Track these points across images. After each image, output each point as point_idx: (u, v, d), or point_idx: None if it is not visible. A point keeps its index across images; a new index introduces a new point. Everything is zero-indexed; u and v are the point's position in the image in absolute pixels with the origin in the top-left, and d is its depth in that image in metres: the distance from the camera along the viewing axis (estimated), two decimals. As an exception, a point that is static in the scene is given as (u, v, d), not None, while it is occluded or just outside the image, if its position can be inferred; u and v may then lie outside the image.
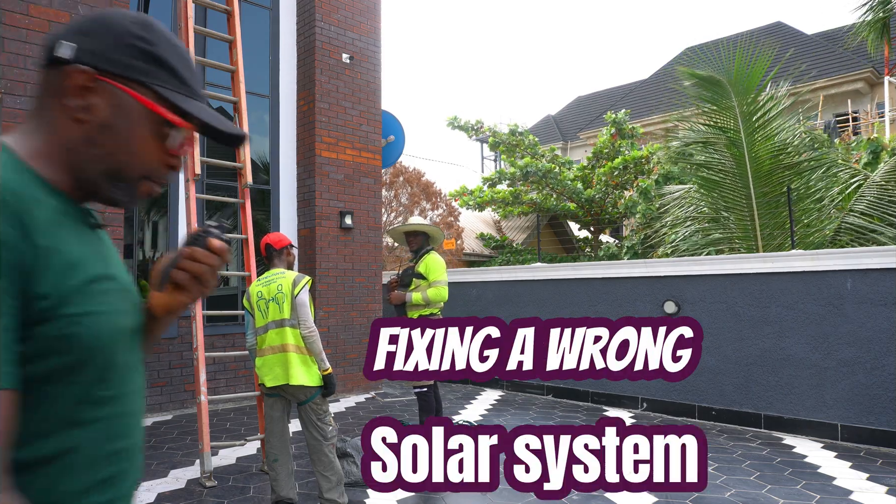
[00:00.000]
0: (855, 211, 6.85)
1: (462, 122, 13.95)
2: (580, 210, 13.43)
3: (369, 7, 7.78)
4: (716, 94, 7.06)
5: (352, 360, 7.24)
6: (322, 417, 3.41)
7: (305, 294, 3.42)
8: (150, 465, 4.46)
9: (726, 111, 7.07)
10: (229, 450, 4.84)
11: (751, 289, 5.42)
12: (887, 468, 4.18)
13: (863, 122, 16.88)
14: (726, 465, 4.27)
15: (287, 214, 7.33)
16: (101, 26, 0.82)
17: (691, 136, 7.65)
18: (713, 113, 7.22)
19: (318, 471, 3.39)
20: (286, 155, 7.38)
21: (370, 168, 7.65)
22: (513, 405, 6.51)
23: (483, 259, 15.24)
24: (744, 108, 6.89)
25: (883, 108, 17.03)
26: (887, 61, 14.91)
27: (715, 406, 5.61)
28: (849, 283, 4.88)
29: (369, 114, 7.68)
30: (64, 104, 0.80)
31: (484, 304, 7.82)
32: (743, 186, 7.01)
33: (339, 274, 7.25)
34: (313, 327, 3.37)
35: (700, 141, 7.44)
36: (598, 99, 28.20)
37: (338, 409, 6.41)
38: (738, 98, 6.86)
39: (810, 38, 20.40)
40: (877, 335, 4.72)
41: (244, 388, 6.71)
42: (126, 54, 0.81)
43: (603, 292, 6.56)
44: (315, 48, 7.20)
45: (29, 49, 3.69)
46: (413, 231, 4.74)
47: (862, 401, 4.78)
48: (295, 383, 3.34)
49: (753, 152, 6.88)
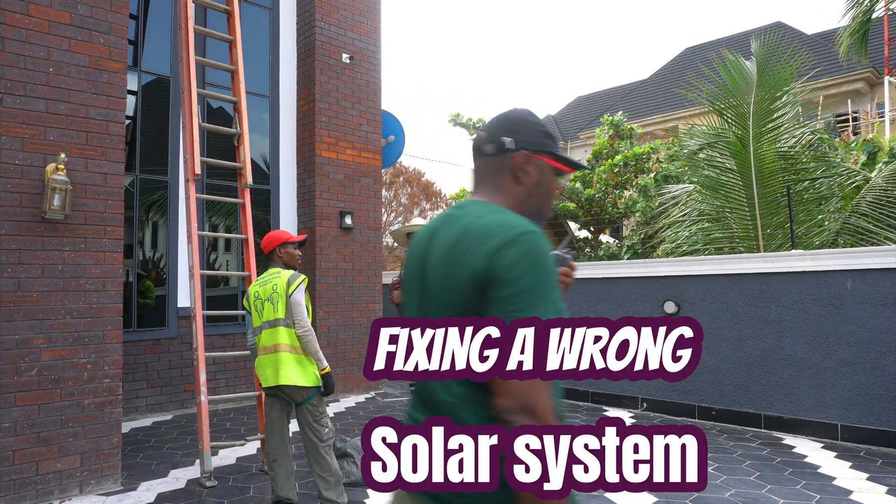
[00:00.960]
0: (856, 212, 6.84)
1: (464, 119, 13.96)
2: (580, 210, 13.43)
3: (369, 7, 7.78)
4: (735, 90, 7.06)
5: (352, 360, 7.24)
6: (318, 419, 3.40)
7: (300, 293, 3.40)
8: (150, 465, 4.46)
9: (736, 110, 7.08)
10: (229, 450, 4.84)
11: (751, 289, 5.42)
12: (887, 468, 4.18)
13: (863, 122, 16.88)
14: (726, 465, 4.27)
15: (287, 214, 7.33)
16: (522, 124, 1.31)
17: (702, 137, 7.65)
18: (725, 111, 7.21)
19: (316, 472, 3.39)
20: (286, 155, 7.38)
21: (370, 168, 7.65)
22: (513, 405, 6.51)
23: (483, 259, 15.21)
24: (759, 107, 6.87)
25: (883, 108, 17.03)
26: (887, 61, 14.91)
27: (715, 406, 5.61)
28: (849, 283, 4.88)
29: (369, 114, 7.68)
30: (511, 174, 1.28)
31: (484, 304, 7.82)
32: (745, 186, 7.01)
33: (339, 274, 7.25)
34: (308, 326, 3.36)
35: (712, 142, 7.45)
36: (598, 99, 28.19)
37: (338, 409, 6.41)
38: (756, 96, 6.87)
39: (810, 38, 20.40)
40: (877, 335, 4.72)
41: (244, 388, 6.71)
42: (538, 137, 1.31)
43: (603, 292, 6.56)
44: (315, 48, 7.20)
45: (29, 49, 3.69)
46: (415, 232, 4.77)
47: (862, 401, 4.77)
48: (285, 383, 3.33)
49: (759, 153, 6.88)
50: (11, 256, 3.60)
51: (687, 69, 19.41)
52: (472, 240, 1.15)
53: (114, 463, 3.92)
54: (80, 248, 3.87)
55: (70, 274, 3.81)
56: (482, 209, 1.21)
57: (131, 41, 6.18)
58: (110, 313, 3.97)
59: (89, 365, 3.84)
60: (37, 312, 3.66)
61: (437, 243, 1.24)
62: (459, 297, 1.15)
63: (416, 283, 1.30)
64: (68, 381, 3.75)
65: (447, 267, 1.18)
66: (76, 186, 3.83)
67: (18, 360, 3.57)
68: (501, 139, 1.28)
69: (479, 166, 1.35)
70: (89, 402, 3.83)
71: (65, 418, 3.72)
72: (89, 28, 3.96)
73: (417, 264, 1.30)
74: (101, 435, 3.86)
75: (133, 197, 6.17)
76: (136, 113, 6.28)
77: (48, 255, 3.73)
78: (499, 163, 1.29)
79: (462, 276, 1.13)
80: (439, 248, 1.22)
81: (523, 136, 1.29)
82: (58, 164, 3.68)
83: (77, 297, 3.83)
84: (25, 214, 3.66)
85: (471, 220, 1.19)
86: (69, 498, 3.71)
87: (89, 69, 3.95)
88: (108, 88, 4.04)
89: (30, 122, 3.70)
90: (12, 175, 3.62)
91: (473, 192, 1.35)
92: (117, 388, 3.96)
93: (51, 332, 3.70)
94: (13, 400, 3.54)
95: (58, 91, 3.81)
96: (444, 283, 1.19)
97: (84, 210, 3.89)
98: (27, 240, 3.66)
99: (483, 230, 1.14)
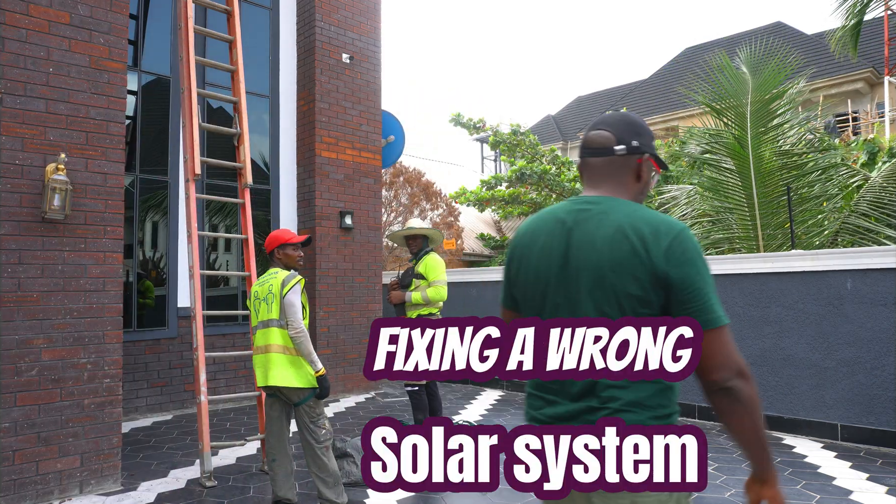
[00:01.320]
0: (856, 211, 6.85)
1: (465, 119, 13.96)
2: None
3: (369, 7, 7.78)
4: (732, 92, 7.06)
5: (352, 360, 7.24)
6: (315, 420, 3.39)
7: (294, 294, 3.37)
8: (150, 465, 4.46)
9: (735, 111, 7.08)
10: (229, 450, 4.84)
11: (751, 289, 5.42)
12: (887, 468, 4.18)
13: (863, 122, 16.87)
14: (726, 465, 4.27)
15: (287, 214, 7.33)
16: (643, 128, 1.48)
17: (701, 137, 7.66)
18: (724, 112, 7.21)
19: (314, 472, 3.39)
20: (286, 155, 7.38)
21: (370, 168, 7.65)
22: (513, 405, 6.51)
23: (483, 259, 15.23)
24: (756, 108, 6.88)
25: (883, 108, 17.02)
26: (887, 61, 14.90)
27: (715, 406, 5.60)
28: (849, 283, 4.88)
29: (369, 114, 7.68)
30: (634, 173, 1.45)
31: (484, 304, 7.83)
32: (745, 187, 7.01)
33: (339, 274, 7.25)
34: (301, 328, 3.32)
35: (711, 142, 7.45)
36: (599, 99, 28.19)
37: (338, 409, 6.41)
38: (753, 96, 6.87)
39: (810, 38, 20.39)
40: (877, 335, 4.72)
41: (244, 388, 6.71)
42: (650, 141, 1.49)
43: (603, 292, 6.55)
44: (315, 48, 7.20)
45: (29, 49, 3.69)
46: (412, 234, 4.77)
47: (862, 401, 4.77)
48: (274, 384, 3.33)
49: (758, 153, 6.88)
50: (11, 256, 3.60)
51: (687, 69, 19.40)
52: (641, 235, 1.27)
53: (114, 463, 3.92)
54: (80, 248, 3.87)
55: (70, 274, 3.81)
56: (624, 206, 1.36)
57: (131, 41, 6.18)
58: (110, 313, 3.97)
59: (89, 365, 3.84)
60: (37, 312, 3.66)
61: (584, 236, 1.33)
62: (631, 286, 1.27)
63: (553, 273, 1.37)
64: (68, 381, 3.75)
65: (613, 257, 1.28)
66: (76, 186, 3.83)
67: (18, 360, 3.57)
68: (631, 142, 1.44)
69: (599, 164, 1.45)
70: (89, 402, 3.83)
71: (65, 418, 3.72)
72: (89, 28, 3.96)
73: (555, 256, 1.37)
74: (101, 435, 3.86)
75: (133, 197, 6.17)
76: (136, 113, 6.28)
77: (48, 255, 3.73)
78: (625, 162, 1.44)
79: (638, 269, 1.26)
80: (593, 241, 1.32)
81: (645, 139, 1.47)
82: (58, 164, 3.68)
83: (77, 297, 3.83)
84: (25, 214, 3.66)
85: (622, 216, 1.32)
86: (69, 498, 3.71)
87: (89, 69, 3.95)
88: (108, 88, 4.04)
89: (30, 122, 3.70)
90: (12, 175, 3.62)
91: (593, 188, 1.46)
92: (117, 388, 3.96)
93: (51, 332, 3.71)
94: (13, 400, 3.54)
95: (58, 91, 3.81)
96: (607, 272, 1.28)
97: (84, 210, 3.89)
98: (27, 240, 3.66)
99: (649, 227, 1.28)
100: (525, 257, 1.45)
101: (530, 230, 1.46)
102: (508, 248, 1.54)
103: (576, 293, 1.32)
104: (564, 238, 1.37)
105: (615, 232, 1.30)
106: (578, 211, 1.39)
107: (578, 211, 1.39)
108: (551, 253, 1.38)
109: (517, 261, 1.47)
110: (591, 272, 1.30)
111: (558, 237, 1.38)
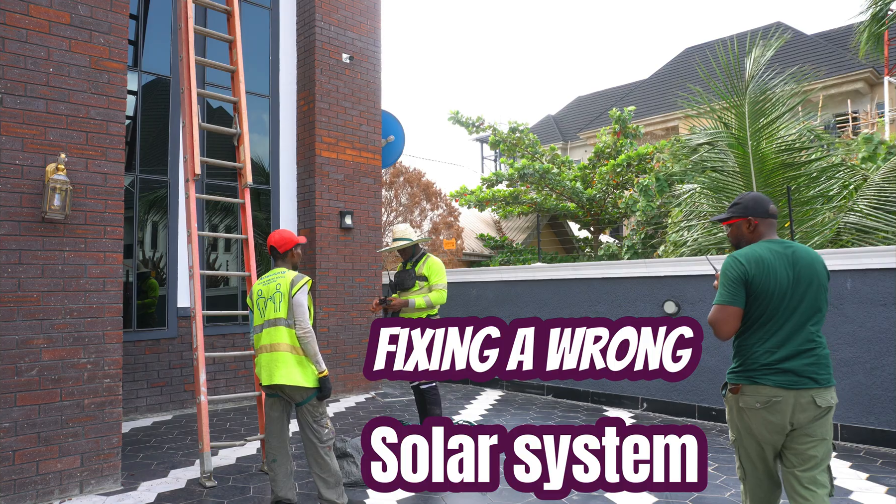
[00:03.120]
0: (855, 210, 6.84)
1: (464, 118, 13.96)
2: (580, 210, 13.43)
3: (369, 7, 7.78)
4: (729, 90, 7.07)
5: (352, 360, 7.24)
6: (318, 420, 3.40)
7: (303, 294, 3.39)
8: (150, 465, 4.46)
9: (734, 109, 7.08)
10: (229, 450, 4.84)
11: (751, 289, 5.41)
12: (887, 468, 4.18)
13: (863, 122, 16.87)
14: (726, 465, 4.27)
15: (287, 214, 7.33)
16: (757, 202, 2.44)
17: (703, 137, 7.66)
18: (723, 110, 7.22)
19: (315, 472, 3.39)
20: (286, 155, 7.38)
21: (370, 168, 7.65)
22: (513, 405, 6.52)
23: (483, 259, 15.24)
24: (752, 108, 6.88)
25: (883, 108, 17.02)
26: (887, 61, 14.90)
27: (715, 406, 5.61)
28: (849, 283, 4.88)
29: (369, 114, 7.68)
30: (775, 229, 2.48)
31: (484, 304, 7.82)
32: (746, 187, 7.01)
33: (339, 274, 7.25)
34: (308, 328, 3.34)
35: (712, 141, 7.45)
36: (599, 99, 28.19)
37: (338, 409, 6.41)
38: (749, 96, 6.88)
39: (810, 38, 20.40)
40: (877, 335, 4.72)
41: (244, 388, 6.71)
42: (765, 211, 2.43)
43: (603, 292, 6.56)
44: (315, 48, 7.20)
45: (29, 49, 3.69)
46: (409, 244, 4.73)
47: (862, 401, 4.77)
48: (280, 383, 3.32)
49: (758, 152, 6.88)
50: (11, 256, 3.60)
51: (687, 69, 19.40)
52: (820, 264, 2.32)
53: (114, 463, 3.93)
54: (80, 248, 3.87)
55: (70, 274, 3.81)
56: (796, 245, 2.33)
57: (131, 41, 6.18)
58: (110, 313, 3.97)
59: (89, 365, 3.84)
60: (37, 312, 3.66)
61: (802, 264, 2.28)
62: (822, 296, 2.31)
63: (789, 289, 2.27)
64: (68, 381, 3.75)
65: (816, 278, 2.29)
66: (76, 186, 3.83)
67: (18, 360, 3.57)
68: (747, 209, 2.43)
69: (772, 223, 2.42)
70: (89, 402, 3.83)
71: (65, 418, 3.72)
72: (89, 28, 3.96)
73: (792, 278, 2.28)
74: (101, 435, 3.86)
75: (133, 197, 6.17)
76: (136, 113, 6.28)
77: (48, 255, 3.74)
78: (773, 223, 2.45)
79: (823, 285, 2.30)
80: (807, 267, 2.28)
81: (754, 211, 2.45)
82: (58, 164, 3.68)
83: (77, 297, 3.83)
84: (25, 214, 3.66)
85: (805, 252, 2.30)
86: (69, 498, 3.71)
87: (89, 69, 3.95)
88: (108, 88, 4.04)
89: (30, 122, 3.70)
90: (12, 175, 3.62)
91: (769, 237, 2.41)
92: (117, 388, 3.96)
93: (51, 332, 3.71)
94: (13, 400, 3.54)
95: (58, 91, 3.81)
96: (814, 288, 2.29)
97: (84, 210, 3.89)
98: (27, 240, 3.66)
99: (817, 258, 2.32)
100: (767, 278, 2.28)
101: (771, 260, 2.30)
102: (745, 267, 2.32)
103: (801, 300, 2.29)
104: (790, 266, 2.29)
105: (810, 260, 2.32)
106: (783, 247, 2.33)
107: (783, 247, 2.33)
108: (782, 276, 2.27)
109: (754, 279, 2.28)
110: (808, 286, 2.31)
111: (786, 266, 2.29)
